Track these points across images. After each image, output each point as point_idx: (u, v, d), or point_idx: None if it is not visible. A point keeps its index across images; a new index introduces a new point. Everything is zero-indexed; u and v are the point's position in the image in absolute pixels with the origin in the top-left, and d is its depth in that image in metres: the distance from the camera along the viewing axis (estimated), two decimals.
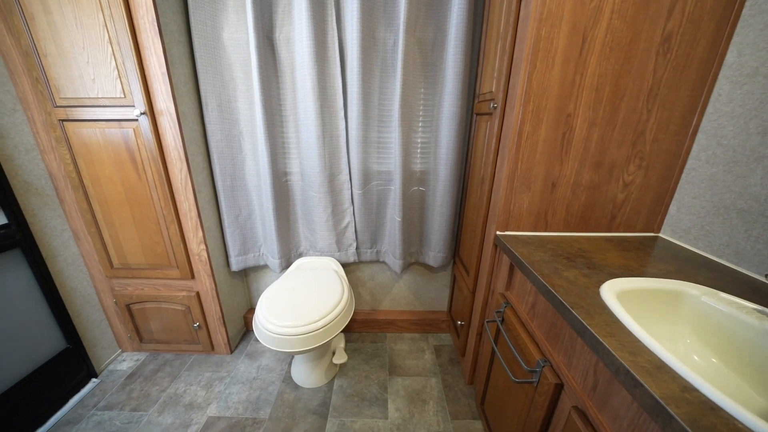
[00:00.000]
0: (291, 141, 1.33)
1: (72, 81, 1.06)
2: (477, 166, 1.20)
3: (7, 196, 1.07)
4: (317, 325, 1.04)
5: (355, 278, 1.61)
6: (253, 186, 1.38)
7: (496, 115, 1.01)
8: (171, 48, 1.07)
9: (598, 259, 0.84)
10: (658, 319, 0.68)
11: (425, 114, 1.28)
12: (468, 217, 1.31)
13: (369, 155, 1.31)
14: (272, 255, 1.44)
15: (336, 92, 1.23)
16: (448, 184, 1.30)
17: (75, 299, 1.31)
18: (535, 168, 0.95)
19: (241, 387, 1.34)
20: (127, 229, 1.25)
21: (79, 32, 1.00)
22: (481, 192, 1.14)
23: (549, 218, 1.01)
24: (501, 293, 1.02)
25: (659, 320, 0.68)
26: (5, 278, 1.09)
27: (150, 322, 1.44)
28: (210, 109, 1.22)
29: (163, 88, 1.07)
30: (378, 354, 1.52)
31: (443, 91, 1.21)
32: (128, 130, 1.11)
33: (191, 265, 1.32)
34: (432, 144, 1.31)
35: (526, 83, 0.87)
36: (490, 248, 1.08)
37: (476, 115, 1.24)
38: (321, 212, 1.37)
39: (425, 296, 1.66)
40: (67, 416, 1.23)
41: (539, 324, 0.81)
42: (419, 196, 1.39)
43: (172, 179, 1.18)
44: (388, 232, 1.46)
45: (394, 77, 1.22)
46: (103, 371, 1.43)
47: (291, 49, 1.19)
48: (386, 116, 1.28)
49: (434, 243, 1.42)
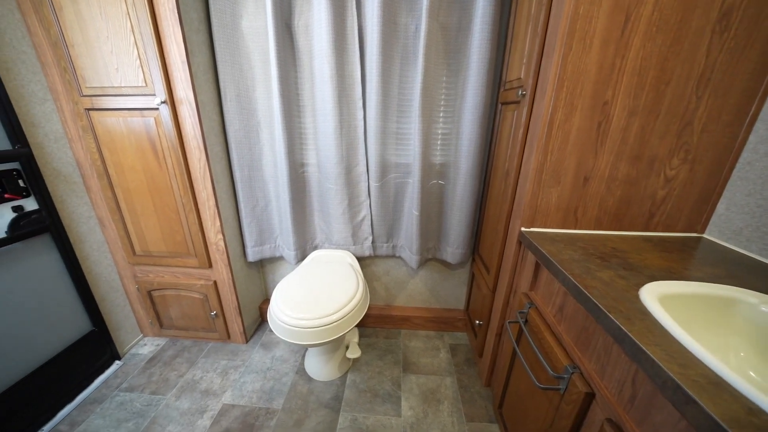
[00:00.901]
0: (308, 131, 1.31)
1: (97, 70, 1.07)
2: (501, 158, 1.13)
3: (38, 183, 1.10)
4: (331, 319, 1.02)
5: (370, 272, 1.59)
6: (270, 177, 1.37)
7: (525, 103, 0.94)
8: (191, 36, 1.07)
9: (636, 259, 0.77)
10: (705, 328, 0.61)
11: (447, 104, 1.23)
12: (489, 212, 1.25)
13: (387, 146, 1.27)
14: (288, 247, 1.44)
15: (354, 81, 1.19)
16: (469, 178, 1.24)
17: (100, 284, 1.35)
18: (566, 160, 0.89)
19: (255, 376, 1.35)
20: (148, 217, 1.28)
21: (104, 21, 1.01)
22: (505, 186, 1.08)
23: (579, 215, 0.94)
24: (524, 293, 0.96)
25: (706, 329, 0.61)
26: (36, 262, 1.13)
27: (170, 308, 1.47)
28: (228, 99, 1.21)
29: (182, 77, 1.07)
30: (392, 350, 1.49)
31: (467, 79, 1.15)
32: (150, 119, 1.12)
33: (209, 255, 1.33)
34: (453, 135, 1.25)
35: (560, 68, 0.80)
36: (513, 245, 1.02)
37: (501, 105, 1.17)
38: (337, 204, 1.34)
39: (441, 293, 1.62)
40: (93, 395, 1.27)
41: (567, 327, 0.75)
42: (438, 189, 1.34)
43: (191, 168, 1.19)
44: (405, 227, 1.42)
45: (415, 65, 1.17)
46: (125, 354, 1.48)
47: (309, 36, 1.17)
48: (406, 106, 1.23)
49: (453, 239, 1.37)
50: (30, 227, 1.09)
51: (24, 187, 1.07)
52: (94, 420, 1.17)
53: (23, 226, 1.07)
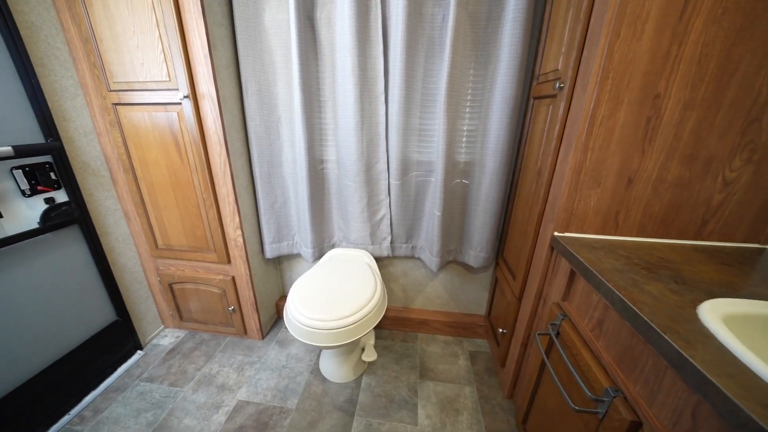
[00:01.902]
0: (328, 127, 1.28)
1: (123, 65, 1.09)
2: (532, 156, 1.06)
3: (69, 176, 1.13)
4: (348, 321, 0.99)
5: (387, 273, 1.55)
6: (289, 173, 1.36)
7: (563, 96, 0.86)
8: (213, 30, 1.06)
9: (688, 272, 0.69)
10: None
11: (474, 98, 1.16)
12: (517, 214, 1.18)
13: (409, 143, 1.22)
14: (305, 244, 1.42)
15: (377, 75, 1.15)
16: (495, 177, 1.17)
17: (124, 275, 1.38)
18: (609, 159, 0.81)
19: (270, 374, 1.34)
20: (170, 212, 1.29)
21: (130, 16, 1.02)
22: (536, 186, 1.00)
23: (621, 220, 0.86)
24: (556, 303, 0.89)
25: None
26: (66, 252, 1.17)
27: (189, 302, 1.49)
28: (250, 94, 1.20)
29: (205, 71, 1.06)
30: (409, 354, 1.45)
31: (496, 72, 1.08)
32: (173, 114, 1.12)
33: (228, 250, 1.33)
34: (479, 132, 1.18)
35: (605, 57, 0.72)
36: (544, 251, 0.95)
37: (534, 99, 1.09)
38: (356, 203, 1.31)
39: (462, 297, 1.55)
40: (116, 383, 1.31)
41: (608, 345, 0.68)
42: (462, 189, 1.28)
43: (211, 164, 1.19)
44: (425, 227, 1.37)
45: (441, 57, 1.11)
46: (147, 344, 1.51)
47: (332, 29, 1.13)
48: (430, 101, 1.18)
49: (476, 241, 1.30)
50: (60, 218, 1.12)
51: (55, 180, 1.10)
52: (116, 408, 1.20)
53: (54, 217, 1.10)
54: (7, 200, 0.99)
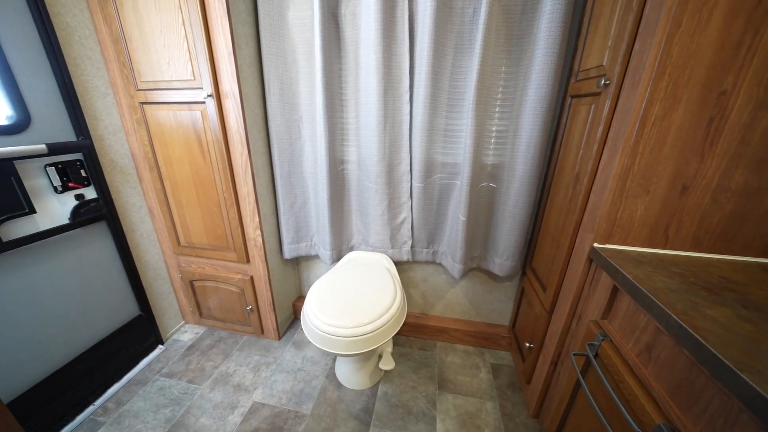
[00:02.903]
0: (350, 127, 1.25)
1: (150, 65, 1.10)
2: (569, 160, 0.98)
3: (98, 173, 1.16)
4: (366, 329, 0.95)
5: (406, 278, 1.50)
6: (309, 173, 1.34)
7: (607, 95, 0.78)
8: (237, 28, 1.05)
9: (758, 295, 0.60)
10: None
11: (504, 97, 1.09)
12: (549, 221, 1.10)
13: (434, 144, 1.17)
14: (324, 246, 1.40)
15: (402, 72, 1.10)
16: (525, 181, 1.10)
17: (148, 271, 1.41)
18: (660, 165, 0.72)
19: (285, 376, 1.33)
20: (192, 210, 1.30)
21: (158, 15, 1.03)
22: (573, 193, 0.92)
23: (671, 232, 0.77)
24: (594, 321, 0.81)
25: None
26: (93, 247, 1.20)
27: (209, 299, 1.50)
28: (272, 93, 1.19)
29: (228, 69, 1.05)
30: (427, 363, 1.39)
31: (530, 69, 1.01)
32: (196, 113, 1.12)
33: (247, 250, 1.33)
34: (510, 133, 1.11)
35: (662, 50, 0.64)
36: (581, 263, 0.87)
37: (571, 98, 1.01)
38: (376, 205, 1.27)
39: (484, 306, 1.48)
40: (137, 377, 1.33)
41: (659, 374, 0.60)
42: (489, 193, 1.21)
43: (233, 163, 1.19)
44: (448, 232, 1.31)
45: (471, 53, 1.05)
46: (168, 339, 1.54)
47: (356, 25, 1.10)
48: (457, 99, 1.12)
49: (502, 249, 1.23)
50: (89, 215, 1.15)
51: (85, 177, 1.13)
52: (136, 402, 1.22)
53: (83, 213, 1.13)
54: (41, 196, 1.02)
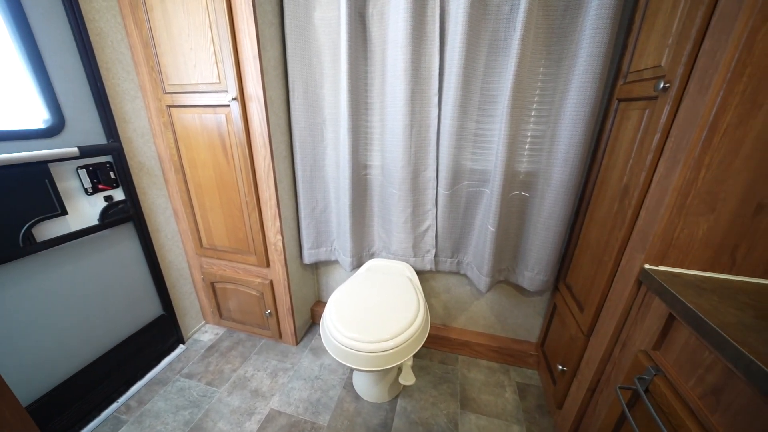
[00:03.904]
0: (375, 131, 1.21)
1: (177, 68, 1.10)
2: (615, 170, 0.89)
3: (126, 175, 1.18)
4: (387, 345, 0.90)
5: (428, 288, 1.44)
6: (331, 178, 1.31)
7: (667, 99, 0.70)
8: (264, 30, 1.03)
9: None
10: None
11: (542, 100, 1.01)
12: (589, 236, 1.01)
13: (463, 150, 1.10)
14: (344, 252, 1.36)
15: (431, 74, 1.05)
16: (562, 191, 1.02)
17: (172, 272, 1.43)
18: (731, 179, 0.63)
19: (303, 384, 1.31)
20: (215, 213, 1.30)
21: (185, 18, 1.03)
22: (620, 206, 0.84)
23: (740, 255, 0.68)
24: (644, 351, 0.72)
25: None
26: (121, 248, 1.22)
27: (229, 301, 1.51)
28: (296, 95, 1.16)
29: (253, 72, 1.04)
30: (448, 379, 1.33)
31: (572, 70, 0.93)
32: (221, 116, 1.12)
33: (267, 254, 1.32)
34: (546, 138, 1.03)
35: (741, 48, 0.56)
36: (627, 284, 0.78)
37: (618, 101, 0.92)
38: (399, 212, 1.22)
39: (510, 321, 1.40)
40: (159, 376, 1.35)
41: (732, 425, 0.52)
42: (520, 202, 1.13)
43: (256, 167, 1.17)
44: (474, 243, 1.24)
45: (506, 54, 0.98)
46: (189, 339, 1.56)
47: (384, 25, 1.05)
48: (489, 103, 1.05)
49: (533, 262, 1.15)
50: (117, 216, 1.17)
51: (114, 179, 1.15)
52: (157, 402, 1.23)
53: (111, 214, 1.15)
54: (72, 198, 1.04)
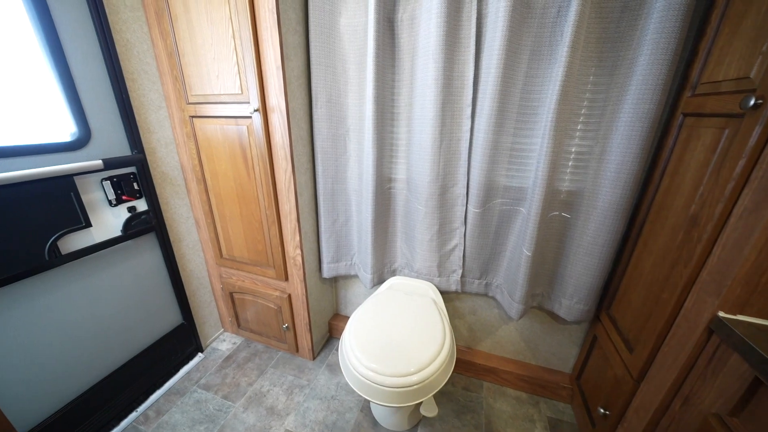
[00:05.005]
0: (400, 143, 1.14)
1: (201, 78, 1.07)
2: (679, 195, 0.77)
3: (149, 185, 1.17)
4: (411, 380, 0.83)
5: (452, 308, 1.36)
6: (353, 190, 1.25)
7: (759, 118, 0.58)
8: (287, 38, 0.98)
9: None
10: None
11: (590, 113, 0.90)
12: (642, 266, 0.89)
13: (497, 165, 1.01)
14: (364, 268, 1.30)
15: (464, 83, 0.96)
16: (610, 214, 0.91)
17: (192, 280, 1.42)
18: None
19: (319, 403, 1.26)
20: (235, 224, 1.28)
21: (209, 28, 1.00)
22: (686, 239, 0.72)
23: None
24: (717, 416, 0.61)
25: None
26: (143, 258, 1.22)
27: (247, 312, 1.49)
28: (319, 106, 1.11)
29: (276, 83, 0.99)
30: (472, 408, 1.24)
31: (628, 79, 0.82)
32: (243, 128, 1.09)
33: (286, 268, 1.28)
34: (594, 155, 0.92)
35: None
36: (694, 331, 0.67)
37: (684, 116, 0.80)
38: (425, 229, 1.14)
39: (541, 348, 1.29)
40: (177, 385, 1.35)
41: None
42: (560, 224, 1.03)
43: (276, 180, 1.13)
44: (506, 265, 1.14)
45: (550, 61, 0.88)
46: (207, 347, 1.55)
47: (414, 31, 0.98)
48: (529, 115, 0.95)
49: (572, 289, 1.04)
50: (140, 227, 1.16)
51: (138, 190, 1.14)
52: (174, 414, 1.22)
53: (134, 225, 1.14)
54: (97, 209, 1.04)
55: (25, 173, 0.84)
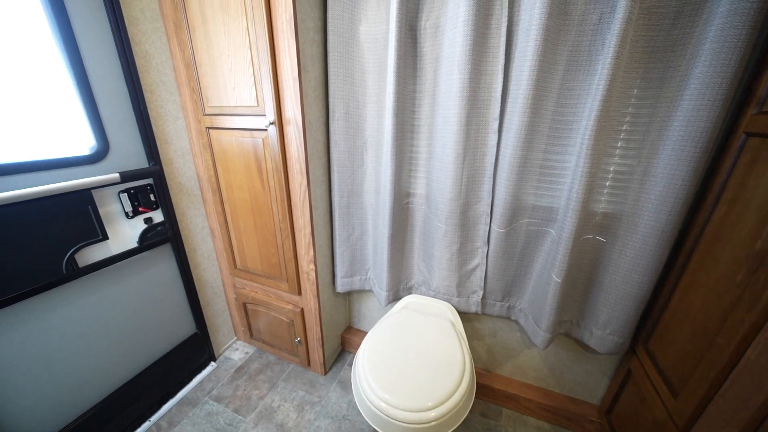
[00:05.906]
0: (420, 156, 1.08)
1: (217, 90, 1.06)
2: (740, 226, 0.68)
3: (165, 196, 1.16)
4: (428, 417, 0.77)
5: (471, 329, 1.29)
6: (369, 204, 1.20)
7: None
8: (305, 48, 0.94)
9: None
10: None
11: (633, 129, 0.82)
12: (690, 301, 0.80)
13: (525, 183, 0.94)
14: (380, 285, 1.25)
15: (491, 96, 0.90)
16: (652, 239, 0.82)
17: (206, 290, 1.42)
18: None
19: (330, 423, 1.22)
20: (249, 236, 1.26)
21: (226, 40, 0.97)
22: (749, 278, 0.63)
23: None
24: None
25: None
26: (158, 269, 1.22)
27: (260, 323, 1.47)
28: (336, 117, 1.07)
29: (292, 95, 0.96)
30: None
31: (680, 93, 0.73)
32: (258, 140, 1.06)
33: (300, 283, 1.25)
34: (636, 175, 0.84)
35: None
36: (762, 388, 0.58)
37: (746, 136, 0.71)
38: (444, 248, 1.08)
39: (567, 376, 1.20)
40: (189, 395, 1.34)
41: None
42: (594, 248, 0.94)
43: (291, 193, 1.10)
44: (531, 289, 1.07)
45: (589, 72, 0.80)
46: (220, 356, 1.55)
47: (438, 40, 0.92)
48: (563, 130, 0.88)
49: (605, 319, 0.95)
50: (156, 238, 1.16)
51: (154, 201, 1.14)
52: (186, 426, 1.21)
53: (150, 237, 1.14)
54: (113, 222, 1.04)
55: (44, 189, 0.84)
